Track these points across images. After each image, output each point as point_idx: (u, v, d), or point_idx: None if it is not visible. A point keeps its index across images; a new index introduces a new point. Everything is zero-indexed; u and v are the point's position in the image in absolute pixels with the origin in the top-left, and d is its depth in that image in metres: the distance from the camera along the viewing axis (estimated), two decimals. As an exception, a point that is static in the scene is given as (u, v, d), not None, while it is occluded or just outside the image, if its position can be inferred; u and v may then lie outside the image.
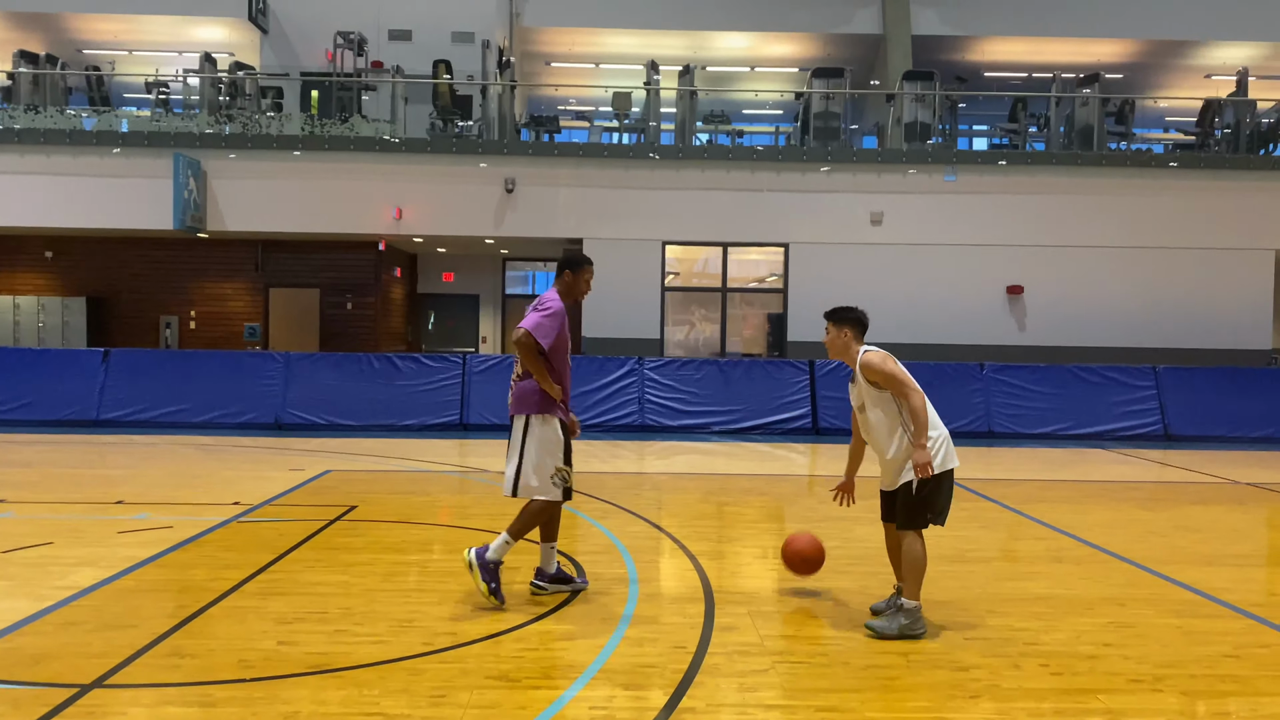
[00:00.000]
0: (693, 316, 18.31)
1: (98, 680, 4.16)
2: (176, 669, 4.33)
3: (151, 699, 3.99)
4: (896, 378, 5.04)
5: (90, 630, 4.83)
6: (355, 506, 8.25)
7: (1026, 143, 18.91)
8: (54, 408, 14.01)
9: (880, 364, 5.09)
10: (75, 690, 4.04)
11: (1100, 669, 4.58)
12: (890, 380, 5.05)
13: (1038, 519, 8.22)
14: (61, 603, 5.28)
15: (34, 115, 17.97)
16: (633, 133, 18.99)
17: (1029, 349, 17.03)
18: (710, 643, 4.84)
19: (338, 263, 19.98)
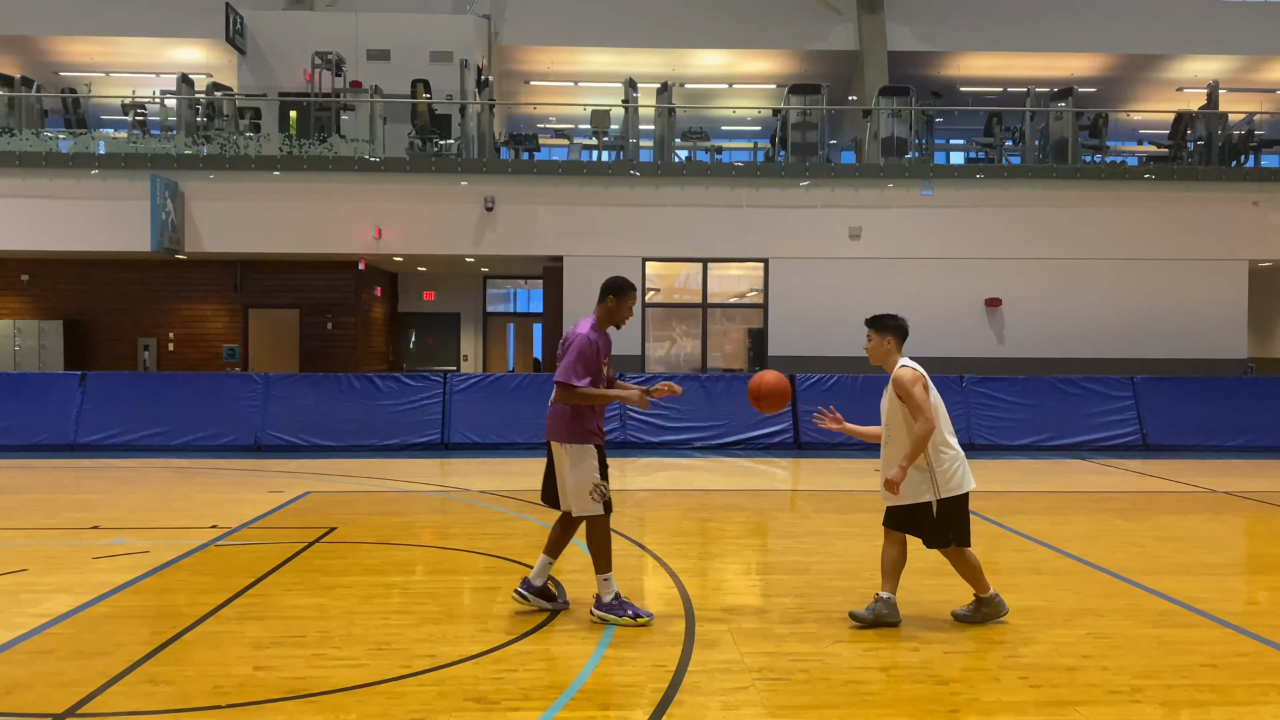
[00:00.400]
0: (674, 332, 18.32)
1: (70, 709, 4.11)
2: (150, 696, 4.28)
3: (125, 728, 3.95)
4: (916, 400, 5.24)
5: (63, 658, 4.78)
6: (335, 528, 8.20)
7: (1002, 156, 19.07)
8: (30, 432, 13.87)
9: (909, 384, 5.28)
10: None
11: (1079, 681, 4.59)
12: (909, 400, 5.26)
13: (1017, 530, 8.25)
14: (34, 631, 5.21)
15: (9, 138, 17.85)
16: (612, 150, 19.04)
17: (1008, 361, 17.13)
18: (691, 660, 4.83)
19: (317, 283, 19.92)
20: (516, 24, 24.86)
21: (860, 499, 10.00)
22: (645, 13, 24.85)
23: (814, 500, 10.28)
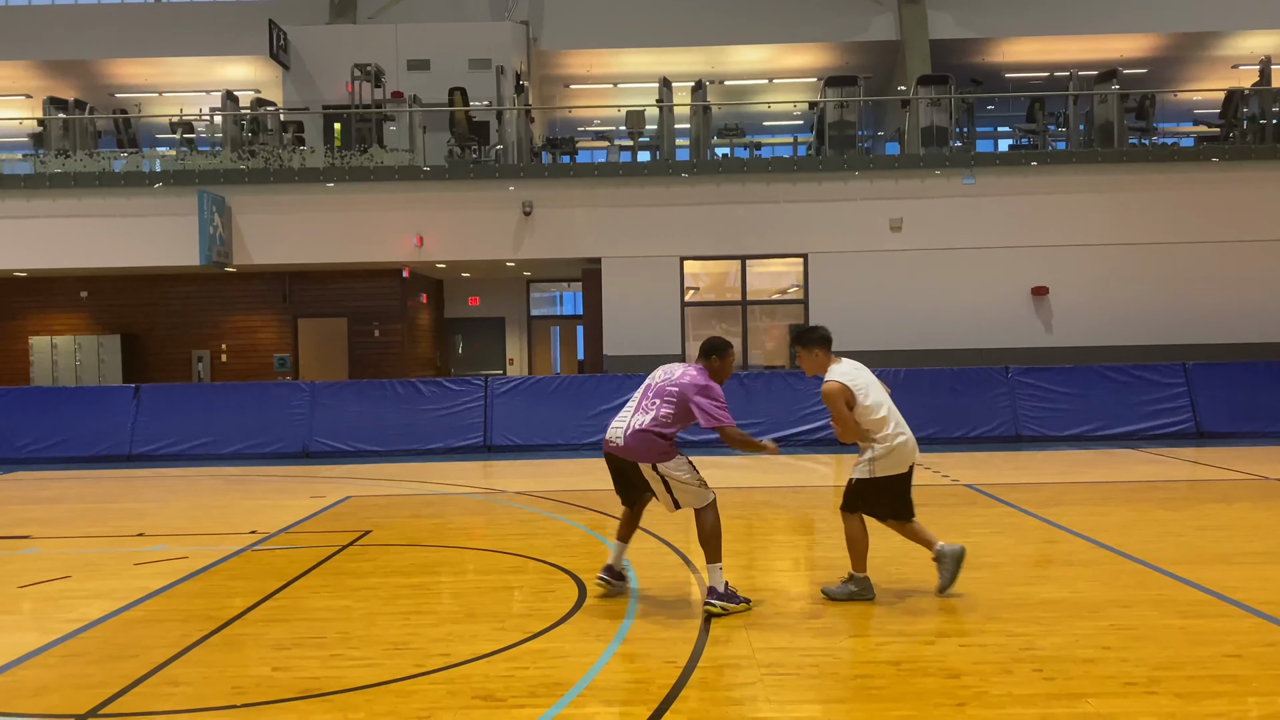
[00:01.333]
0: (713, 331, 18.29)
1: (92, 710, 4.25)
2: (169, 697, 4.41)
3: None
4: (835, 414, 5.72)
5: (92, 661, 4.94)
6: (370, 531, 8.34)
7: (1046, 142, 18.72)
8: (88, 444, 14.32)
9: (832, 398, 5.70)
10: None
11: (1095, 673, 4.51)
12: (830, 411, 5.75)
13: (1054, 522, 8.10)
14: (69, 635, 5.39)
15: (65, 159, 18.45)
16: (648, 150, 19.08)
17: (1056, 350, 16.81)
18: (701, 657, 4.83)
19: (363, 291, 20.25)
20: (554, 28, 25.02)
21: (896, 493, 9.89)
22: (683, 11, 24.86)
23: (850, 495, 10.17)
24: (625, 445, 5.59)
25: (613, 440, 5.67)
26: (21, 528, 8.87)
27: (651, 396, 5.67)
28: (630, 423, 5.62)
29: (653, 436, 5.54)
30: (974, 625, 5.27)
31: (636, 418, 5.62)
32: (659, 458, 5.54)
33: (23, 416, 14.46)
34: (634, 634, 5.23)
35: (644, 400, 5.69)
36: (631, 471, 5.67)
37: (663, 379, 5.75)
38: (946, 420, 14.18)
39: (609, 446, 5.71)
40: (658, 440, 5.54)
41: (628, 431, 5.60)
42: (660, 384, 5.71)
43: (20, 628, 5.60)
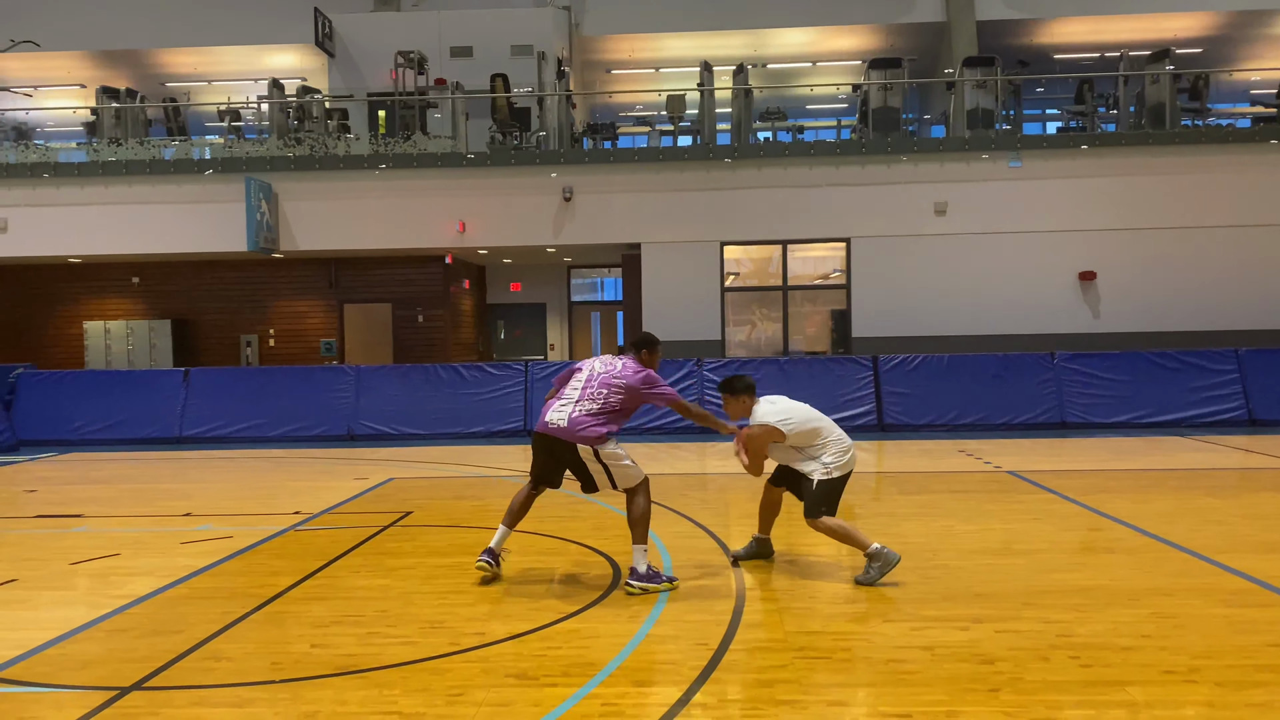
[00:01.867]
0: (754, 316, 18.22)
1: (137, 683, 4.36)
2: (211, 671, 4.51)
3: (184, 700, 4.17)
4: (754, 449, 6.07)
5: (138, 636, 5.06)
6: (410, 512, 8.44)
7: (1096, 124, 18.35)
8: (140, 426, 14.63)
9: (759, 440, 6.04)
10: (115, 693, 4.24)
11: (1133, 660, 4.45)
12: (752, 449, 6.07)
13: (1096, 509, 7.98)
14: (116, 610, 5.53)
15: (117, 148, 18.81)
16: (689, 135, 19.02)
17: (1104, 336, 16.54)
18: (734, 640, 4.84)
19: (407, 277, 20.45)
20: (596, 13, 24.98)
21: (934, 480, 9.83)
22: (726, -6, 24.68)
23: (890, 482, 10.12)
24: (569, 429, 5.76)
25: (554, 424, 5.82)
26: (74, 507, 9.10)
27: (596, 387, 5.86)
28: (576, 409, 5.81)
29: (596, 425, 5.76)
30: (1010, 611, 5.22)
31: (582, 405, 5.81)
32: (598, 443, 5.74)
33: (77, 399, 14.81)
34: (666, 616, 5.25)
35: (588, 389, 5.87)
36: (566, 454, 5.84)
37: (604, 370, 5.97)
38: (990, 407, 14.02)
39: (549, 429, 5.85)
40: (599, 428, 5.75)
41: (573, 415, 5.79)
42: (604, 375, 5.94)
43: (70, 603, 5.76)
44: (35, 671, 4.56)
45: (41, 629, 5.20)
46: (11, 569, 6.62)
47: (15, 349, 20.66)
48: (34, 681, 4.43)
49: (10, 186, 18.30)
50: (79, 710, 4.05)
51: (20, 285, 20.90)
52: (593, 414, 5.79)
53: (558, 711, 3.97)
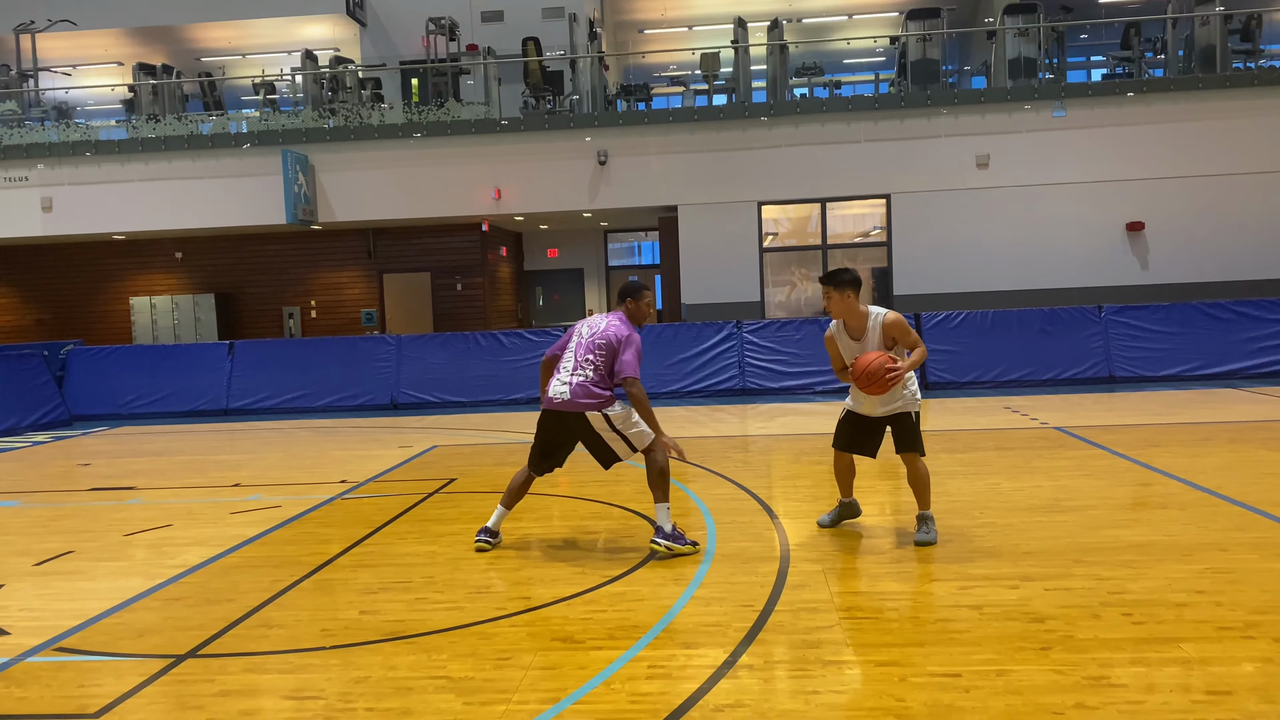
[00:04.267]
0: (793, 276, 18.06)
1: (192, 651, 4.44)
2: (264, 639, 4.58)
3: (238, 667, 4.24)
4: (914, 334, 5.74)
5: (191, 605, 5.16)
6: (454, 479, 8.51)
7: (1143, 70, 17.85)
8: (188, 399, 14.88)
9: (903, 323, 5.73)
10: (170, 660, 4.32)
11: (1188, 617, 4.37)
12: (908, 335, 5.70)
13: (1147, 464, 7.85)
14: (170, 580, 5.64)
15: (155, 124, 18.97)
16: (724, 94, 18.78)
17: (1153, 288, 16.20)
18: (779, 601, 4.82)
19: (445, 245, 20.51)
20: (627, -27, 24.66)
21: (980, 438, 9.71)
22: (759, -52, 24.23)
23: (935, 440, 9.97)
24: (572, 399, 5.67)
25: (558, 398, 5.72)
26: (128, 479, 9.28)
27: (584, 353, 5.76)
28: (574, 379, 5.71)
29: (601, 390, 5.68)
30: (1060, 569, 5.14)
31: (580, 373, 5.72)
32: (607, 406, 5.69)
33: (127, 374, 15.08)
34: (711, 578, 5.24)
35: (579, 357, 5.76)
36: (578, 427, 5.75)
37: (590, 334, 5.83)
38: (1036, 362, 13.82)
39: (553, 404, 5.76)
40: (601, 391, 5.68)
41: (574, 386, 5.69)
42: (589, 340, 5.80)
43: (126, 573, 5.87)
44: (94, 641, 4.66)
45: (99, 599, 5.31)
46: (69, 541, 6.77)
47: (65, 326, 21.08)
48: (93, 650, 4.53)
49: (54, 166, 18.57)
50: (137, 678, 4.14)
51: (67, 263, 21.26)
52: (593, 380, 5.69)
53: (604, 674, 3.99)
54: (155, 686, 4.05)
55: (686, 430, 11.07)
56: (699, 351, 14.31)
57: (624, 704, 3.69)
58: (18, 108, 20.60)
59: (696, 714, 3.58)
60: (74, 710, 3.85)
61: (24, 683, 4.15)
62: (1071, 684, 3.70)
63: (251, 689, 3.99)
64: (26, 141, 18.93)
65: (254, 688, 4.00)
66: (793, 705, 3.62)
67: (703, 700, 3.69)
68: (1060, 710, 3.49)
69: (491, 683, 3.94)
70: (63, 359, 15.13)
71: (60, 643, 4.64)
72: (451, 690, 3.88)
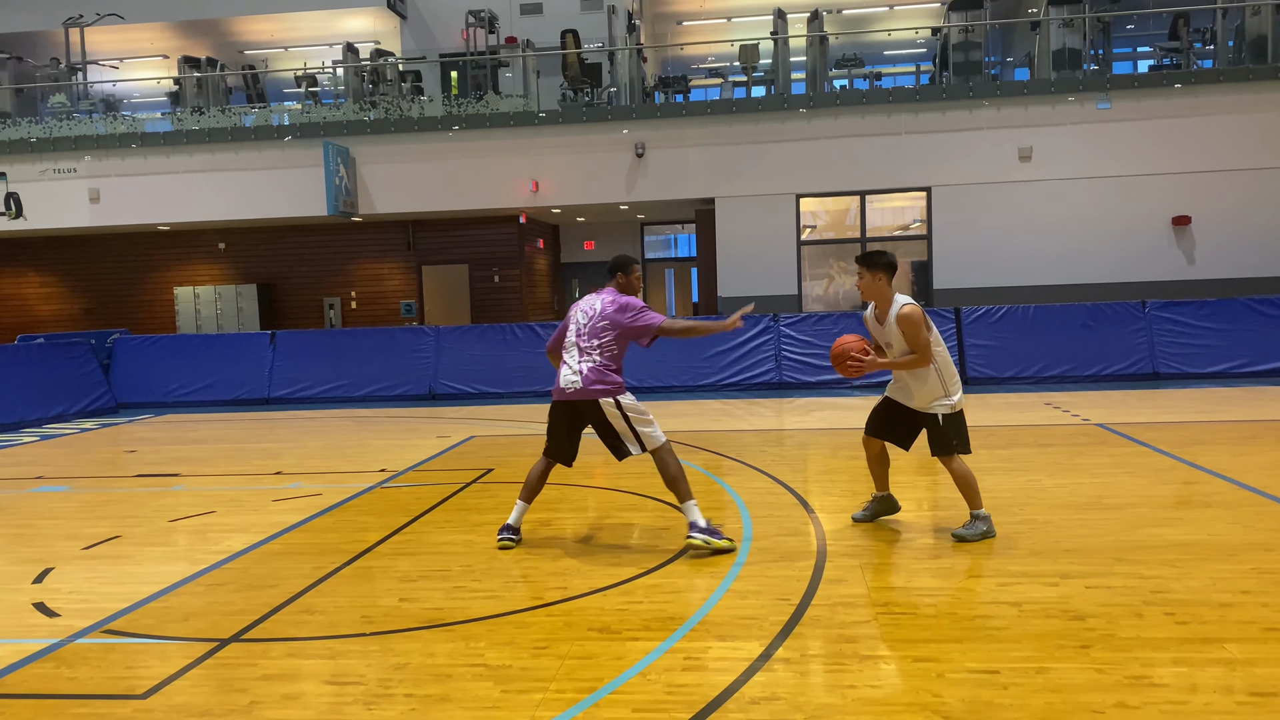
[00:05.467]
0: (831, 269, 17.96)
1: (235, 635, 4.52)
2: (305, 624, 4.65)
3: (280, 651, 4.31)
4: (920, 341, 5.48)
5: (234, 590, 5.25)
6: (491, 470, 8.58)
7: (1191, 61, 17.52)
8: (231, 388, 15.11)
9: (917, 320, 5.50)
10: (214, 644, 4.41)
11: (1232, 618, 4.30)
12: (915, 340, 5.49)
13: (1191, 462, 7.73)
14: (213, 566, 5.74)
15: (199, 116, 19.24)
16: (763, 86, 18.69)
17: (1198, 283, 15.92)
18: (815, 595, 4.82)
19: (483, 238, 20.62)
20: (666, -35, 24.58)
21: (1023, 433, 9.61)
22: (799, -62, 24.05)
23: (976, 436, 9.83)
24: (585, 387, 5.56)
25: (569, 387, 5.62)
26: (171, 466, 9.45)
27: (589, 338, 5.64)
28: (583, 365, 5.61)
29: (606, 371, 5.59)
30: (1101, 567, 5.09)
31: (587, 359, 5.61)
32: (618, 391, 5.59)
33: (171, 363, 15.33)
34: (747, 571, 5.24)
35: (584, 344, 5.65)
36: (590, 414, 5.65)
37: (587, 321, 5.71)
38: (1078, 358, 13.64)
39: (565, 395, 5.66)
40: (612, 374, 5.60)
41: (584, 373, 5.59)
42: (589, 325, 5.69)
43: (171, 559, 5.99)
44: (140, 624, 4.75)
45: (145, 583, 5.42)
46: (115, 526, 6.90)
47: (111, 315, 21.46)
48: (139, 633, 4.62)
49: (101, 158, 18.90)
50: (183, 660, 4.22)
51: (113, 253, 21.64)
52: (604, 364, 5.59)
53: (640, 665, 4.01)
54: (200, 669, 4.13)
55: (721, 424, 11.07)
56: (735, 345, 14.28)
57: (660, 695, 3.71)
58: (67, 100, 20.98)
59: (732, 706, 3.59)
60: (122, 691, 3.93)
61: (74, 663, 4.25)
62: (1112, 683, 3.67)
63: (293, 673, 4.05)
64: (75, 134, 19.28)
65: (296, 672, 4.07)
66: (829, 699, 3.62)
67: (739, 693, 3.70)
68: (1100, 709, 3.45)
69: (529, 671, 3.97)
70: (109, 348, 15.41)
71: (108, 625, 4.74)
72: (490, 678, 3.92)
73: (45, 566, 5.85)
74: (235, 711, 3.69)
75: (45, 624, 4.80)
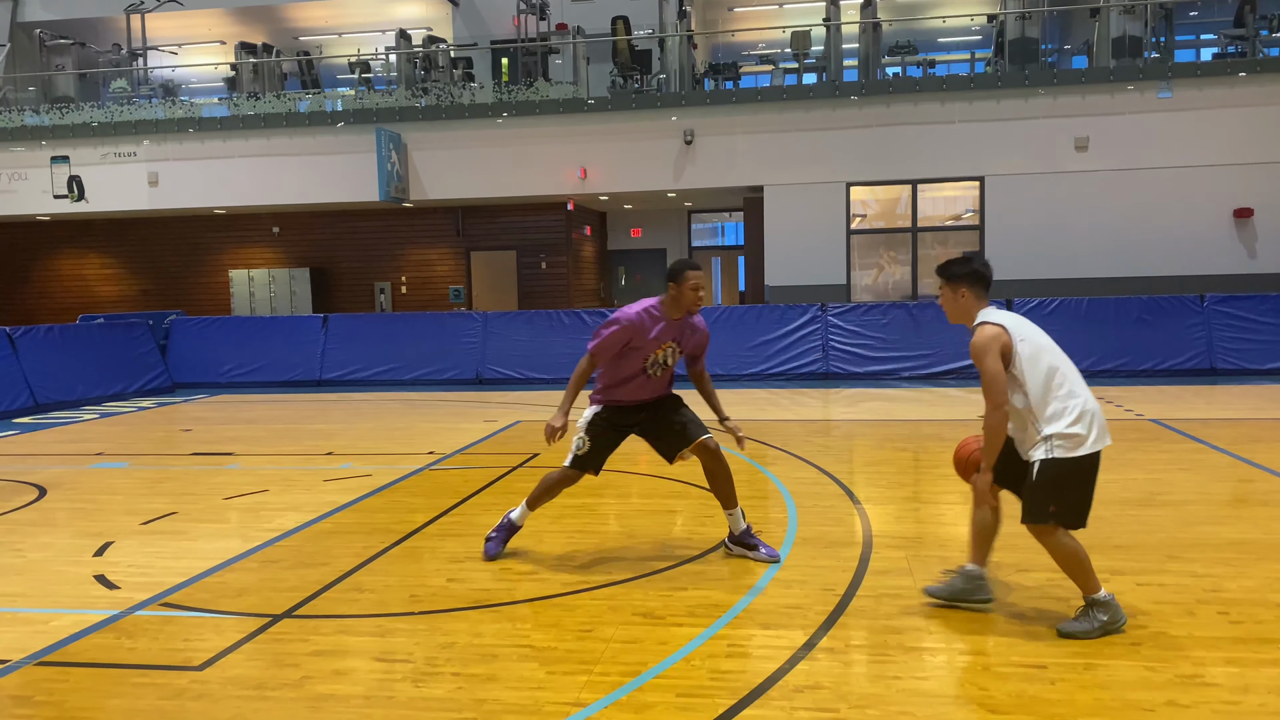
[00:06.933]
0: (881, 259, 17.78)
1: (287, 611, 4.62)
2: (355, 602, 4.74)
3: (331, 628, 4.40)
4: (986, 374, 4.11)
5: (287, 567, 5.35)
6: (537, 454, 8.64)
7: (1257, 49, 17.05)
8: (284, 370, 15.37)
9: (979, 352, 4.16)
10: (268, 619, 4.51)
11: (1289, 618, 4.22)
12: (980, 372, 4.15)
13: (1248, 459, 7.57)
14: (267, 543, 5.86)
15: (256, 101, 19.53)
16: (814, 73, 18.53)
17: (1260, 277, 15.54)
18: (861, 586, 4.80)
19: (531, 224, 20.72)
20: (718, -50, 24.42)
21: (1073, 427, 9.45)
22: (853, -76, 23.76)
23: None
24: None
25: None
26: (226, 445, 9.65)
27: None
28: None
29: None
30: (1154, 564, 5.01)
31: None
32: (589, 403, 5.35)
33: (226, 344, 15.64)
34: (792, 561, 5.24)
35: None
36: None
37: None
38: (1133, 352, 13.41)
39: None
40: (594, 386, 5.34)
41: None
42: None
43: (225, 535, 6.12)
44: (196, 598, 4.88)
45: (201, 559, 5.55)
46: (172, 503, 7.08)
47: (167, 296, 21.91)
48: (196, 607, 4.74)
49: (160, 142, 19.26)
50: (237, 634, 4.32)
51: (170, 236, 22.07)
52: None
53: (685, 650, 4.03)
54: (253, 644, 4.23)
55: (766, 413, 11.04)
56: (782, 334, 14.23)
57: (704, 680, 3.73)
58: (128, 86, 21.40)
59: (776, 694, 3.60)
60: (180, 662, 4.04)
61: (134, 634, 4.37)
62: (1163, 681, 3.62)
63: (343, 650, 4.13)
64: (135, 118, 19.66)
65: (345, 649, 4.15)
66: (873, 689, 3.61)
67: (782, 680, 3.71)
68: (1150, 707, 3.41)
69: (574, 653, 4.01)
70: (166, 329, 15.75)
71: (166, 598, 4.87)
72: (535, 659, 3.96)
73: (105, 540, 6.01)
74: (287, 685, 3.78)
75: (106, 596, 4.94)
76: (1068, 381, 4.11)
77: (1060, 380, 4.09)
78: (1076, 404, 4.04)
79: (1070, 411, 4.03)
